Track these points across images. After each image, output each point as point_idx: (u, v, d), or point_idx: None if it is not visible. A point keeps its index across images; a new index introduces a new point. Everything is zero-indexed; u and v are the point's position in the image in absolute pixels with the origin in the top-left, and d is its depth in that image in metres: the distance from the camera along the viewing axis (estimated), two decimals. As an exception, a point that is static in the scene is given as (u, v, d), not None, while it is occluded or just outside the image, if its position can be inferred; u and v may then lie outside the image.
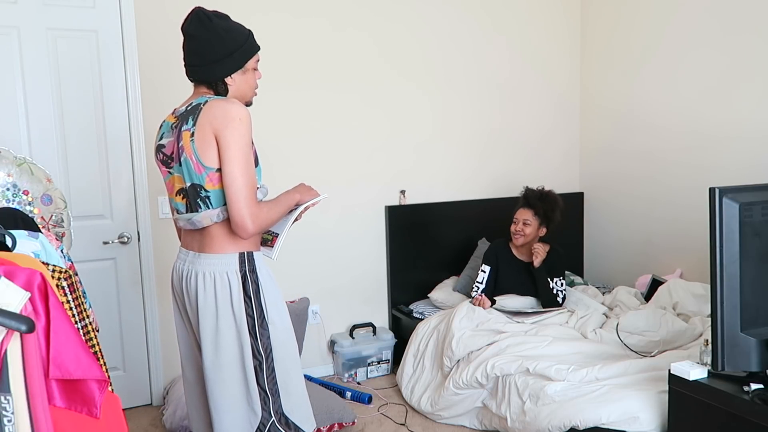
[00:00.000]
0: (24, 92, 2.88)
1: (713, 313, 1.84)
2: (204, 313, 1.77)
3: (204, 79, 1.82)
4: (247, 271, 1.78)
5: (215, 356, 1.77)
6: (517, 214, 3.33)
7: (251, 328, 1.76)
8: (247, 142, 1.71)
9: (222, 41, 1.77)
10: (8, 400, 1.12)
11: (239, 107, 1.72)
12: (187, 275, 1.82)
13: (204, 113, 1.71)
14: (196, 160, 1.72)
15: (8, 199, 2.23)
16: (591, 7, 4.09)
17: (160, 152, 1.87)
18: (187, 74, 1.86)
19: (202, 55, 1.78)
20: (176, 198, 1.85)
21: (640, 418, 2.24)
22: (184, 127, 1.75)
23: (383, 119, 3.66)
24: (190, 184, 1.77)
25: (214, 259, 1.78)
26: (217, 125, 1.69)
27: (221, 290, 1.76)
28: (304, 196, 1.91)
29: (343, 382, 3.50)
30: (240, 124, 1.69)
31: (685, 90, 3.49)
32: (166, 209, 3.20)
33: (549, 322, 3.04)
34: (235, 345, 1.76)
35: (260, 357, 1.77)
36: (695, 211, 3.38)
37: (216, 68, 1.79)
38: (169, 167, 1.84)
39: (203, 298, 1.77)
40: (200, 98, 1.79)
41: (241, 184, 1.68)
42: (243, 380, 1.77)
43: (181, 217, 1.84)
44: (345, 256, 3.63)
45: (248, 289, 1.77)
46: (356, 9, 3.52)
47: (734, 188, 1.83)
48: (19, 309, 1.15)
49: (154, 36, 3.08)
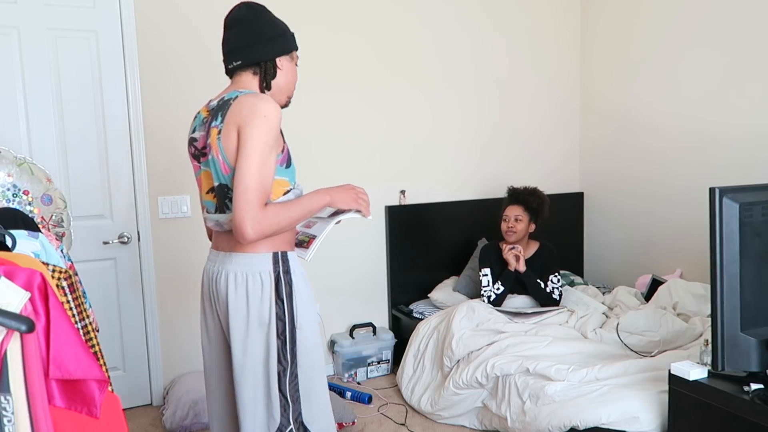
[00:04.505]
0: (24, 92, 2.88)
1: (713, 313, 1.84)
2: (234, 315, 1.69)
3: (255, 59, 1.73)
4: (281, 271, 1.69)
5: (243, 358, 1.69)
6: (506, 212, 3.32)
7: (280, 333, 1.68)
8: (267, 141, 1.59)
9: (274, 22, 1.76)
10: (8, 400, 1.12)
11: (269, 103, 1.61)
12: (216, 276, 1.74)
13: (232, 109, 1.63)
14: (222, 159, 1.64)
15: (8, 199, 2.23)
16: (591, 7, 4.09)
17: (192, 145, 1.79)
18: (230, 61, 1.75)
19: (257, 33, 1.72)
20: (206, 196, 1.77)
21: (640, 418, 2.23)
22: (213, 124, 1.67)
23: (383, 120, 3.66)
24: (218, 183, 1.70)
25: (247, 258, 1.69)
26: (241, 120, 1.59)
27: (253, 291, 1.67)
28: (335, 199, 1.77)
29: (343, 382, 3.50)
30: (264, 122, 1.58)
31: (685, 90, 3.49)
32: (166, 209, 3.20)
33: (549, 322, 3.04)
34: (262, 348, 1.68)
35: (285, 363, 1.69)
36: (695, 211, 3.38)
37: (271, 46, 1.74)
38: (200, 162, 1.76)
39: (234, 299, 1.68)
40: (232, 93, 1.70)
41: (249, 184, 1.57)
42: (265, 385, 1.70)
43: (210, 218, 1.77)
44: (345, 256, 3.63)
45: (281, 291, 1.68)
46: (353, 12, 3.52)
47: (734, 188, 1.83)
48: (19, 309, 1.15)
49: (154, 36, 3.08)
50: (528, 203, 3.28)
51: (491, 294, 3.21)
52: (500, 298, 3.21)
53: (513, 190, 3.39)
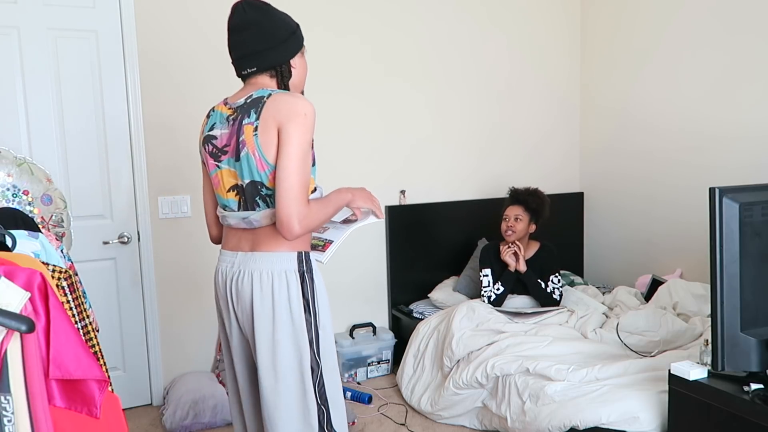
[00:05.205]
0: (24, 92, 2.88)
1: (713, 313, 1.84)
2: (260, 316, 1.64)
3: (270, 65, 1.71)
4: (305, 271, 1.68)
5: (272, 364, 1.64)
6: (507, 212, 3.33)
7: (309, 333, 1.65)
8: (308, 139, 1.61)
9: (283, 21, 1.72)
10: (8, 400, 1.12)
11: (306, 102, 1.62)
12: (238, 277, 1.69)
13: (268, 107, 1.61)
14: (260, 156, 1.62)
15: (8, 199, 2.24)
16: (591, 6, 4.09)
17: (209, 143, 1.74)
18: (243, 67, 1.72)
19: (269, 37, 1.68)
20: (227, 194, 1.73)
21: (640, 418, 2.23)
22: (245, 121, 1.63)
23: (383, 120, 3.66)
24: (249, 180, 1.66)
25: (272, 257, 1.66)
26: (282, 119, 1.59)
27: (279, 290, 1.64)
28: (356, 197, 1.81)
29: (343, 382, 3.50)
30: (305, 120, 1.60)
31: (686, 90, 3.49)
32: (166, 209, 3.20)
33: (549, 322, 3.04)
34: (293, 351, 1.64)
35: (317, 366, 1.66)
36: (695, 211, 3.38)
37: (285, 49, 1.71)
38: (219, 160, 1.72)
39: (259, 300, 1.65)
40: (262, 90, 1.67)
41: (295, 181, 1.57)
42: (301, 390, 1.64)
43: (233, 215, 1.72)
44: (345, 255, 3.62)
45: (306, 291, 1.67)
46: (353, 13, 3.52)
47: (734, 188, 1.83)
48: (19, 309, 1.15)
49: (154, 36, 3.08)
50: (528, 203, 3.28)
51: (491, 294, 3.21)
52: (500, 298, 3.21)
53: (514, 190, 3.39)
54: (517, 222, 3.27)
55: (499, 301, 3.21)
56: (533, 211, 3.29)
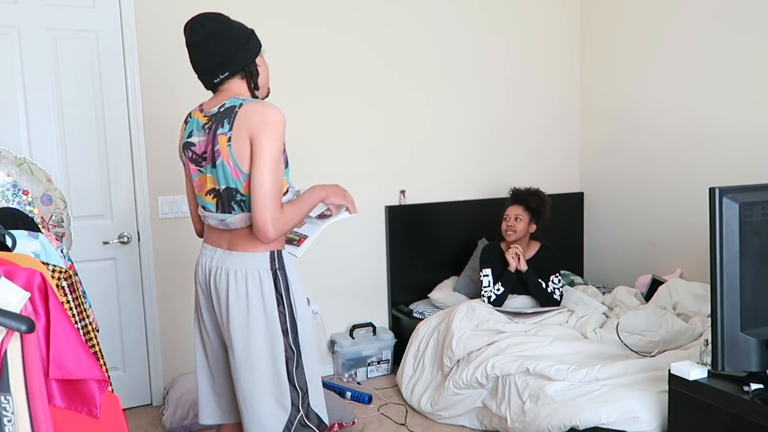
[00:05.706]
0: (24, 92, 2.88)
1: (713, 313, 1.84)
2: (235, 310, 1.79)
3: (240, 66, 1.80)
4: (278, 268, 1.81)
5: (246, 353, 1.79)
6: (507, 211, 3.33)
7: (283, 325, 1.79)
8: (279, 146, 1.71)
9: (241, 27, 1.82)
10: (8, 400, 1.12)
11: (276, 111, 1.71)
12: (216, 272, 1.83)
13: (240, 117, 1.71)
14: (234, 165, 1.72)
15: (8, 199, 2.24)
16: (591, 7, 4.09)
17: (189, 150, 1.85)
18: (216, 75, 1.80)
19: (233, 41, 1.78)
20: (206, 197, 1.85)
21: (640, 418, 2.24)
22: (219, 131, 1.73)
23: (383, 120, 3.66)
24: (225, 186, 1.77)
25: (246, 257, 1.80)
26: (253, 128, 1.68)
27: (253, 287, 1.78)
28: (329, 193, 1.90)
29: (343, 382, 3.50)
30: (276, 128, 1.69)
31: (686, 90, 3.49)
32: (166, 209, 3.20)
33: (549, 322, 3.04)
34: (266, 342, 1.78)
35: (292, 353, 1.80)
36: (695, 211, 3.38)
37: (248, 49, 1.81)
38: (200, 165, 1.83)
39: (235, 296, 1.78)
40: (234, 100, 1.76)
41: (268, 189, 1.68)
42: (274, 376, 1.79)
43: (212, 216, 1.84)
44: (345, 255, 3.63)
45: (279, 286, 1.80)
46: (354, 13, 3.52)
47: (734, 188, 1.83)
48: (19, 309, 1.15)
49: (154, 36, 3.08)
50: (528, 203, 3.29)
51: (491, 294, 3.21)
52: (500, 298, 3.21)
53: (515, 190, 3.39)
54: (517, 222, 3.27)
55: (499, 301, 3.21)
56: (534, 210, 3.29)
